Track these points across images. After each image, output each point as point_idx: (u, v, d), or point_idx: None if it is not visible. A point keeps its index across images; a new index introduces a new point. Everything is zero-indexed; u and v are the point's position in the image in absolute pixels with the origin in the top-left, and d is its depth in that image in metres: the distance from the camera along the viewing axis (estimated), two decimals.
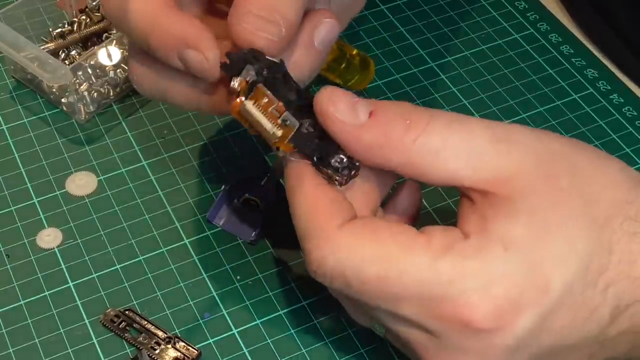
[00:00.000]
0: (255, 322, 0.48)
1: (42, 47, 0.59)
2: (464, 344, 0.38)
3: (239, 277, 0.50)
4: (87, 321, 0.48)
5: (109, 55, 0.58)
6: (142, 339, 0.47)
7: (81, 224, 0.53)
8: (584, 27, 0.66)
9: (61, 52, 0.60)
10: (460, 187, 0.40)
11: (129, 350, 0.47)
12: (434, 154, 0.39)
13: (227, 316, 0.49)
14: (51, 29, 0.61)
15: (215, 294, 0.50)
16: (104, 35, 0.61)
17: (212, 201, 0.53)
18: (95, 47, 0.58)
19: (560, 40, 0.64)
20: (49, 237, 0.52)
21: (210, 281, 0.50)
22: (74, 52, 0.60)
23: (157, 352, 0.47)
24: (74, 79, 0.57)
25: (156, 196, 0.54)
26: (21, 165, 0.56)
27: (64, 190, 0.54)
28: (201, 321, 0.48)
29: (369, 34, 0.64)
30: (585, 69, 0.62)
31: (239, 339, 0.48)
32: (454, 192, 0.54)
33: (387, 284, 0.38)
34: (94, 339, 0.48)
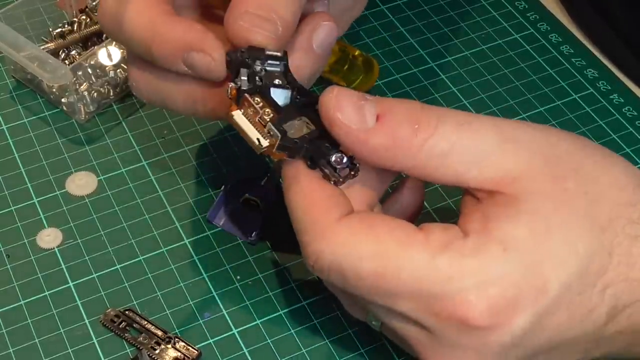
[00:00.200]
0: (255, 322, 0.48)
1: (42, 47, 0.59)
2: (461, 341, 0.38)
3: (239, 277, 0.50)
4: (87, 321, 0.48)
5: (109, 55, 0.58)
6: (142, 339, 0.47)
7: (81, 224, 0.53)
8: (584, 27, 0.66)
9: (61, 52, 0.60)
10: (466, 187, 0.40)
11: (129, 350, 0.47)
12: (441, 157, 0.39)
13: (227, 316, 0.49)
14: (51, 29, 0.61)
15: (215, 294, 0.50)
16: (104, 35, 0.61)
17: (212, 201, 0.53)
18: (95, 47, 0.58)
19: (560, 40, 0.64)
20: (49, 237, 0.52)
21: (210, 281, 0.50)
22: (74, 52, 0.60)
23: (157, 352, 0.47)
24: (74, 79, 0.57)
25: (156, 196, 0.54)
26: (21, 165, 0.56)
27: (64, 190, 0.54)
28: (201, 321, 0.48)
29: (369, 34, 0.64)
30: (585, 69, 0.62)
31: (239, 339, 0.48)
32: (454, 192, 0.54)
33: (385, 280, 0.38)
34: (94, 339, 0.48)
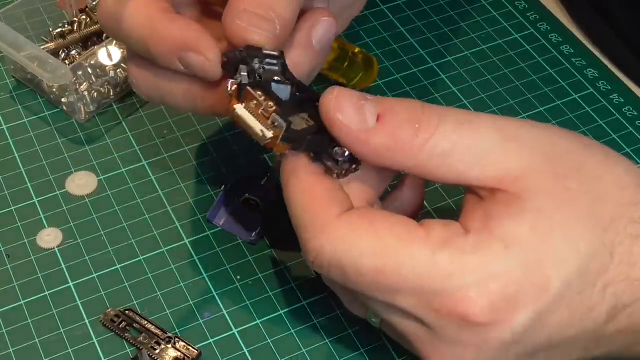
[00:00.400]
0: (255, 322, 0.48)
1: (42, 47, 0.59)
2: (461, 338, 0.38)
3: (239, 277, 0.50)
4: (87, 321, 0.48)
5: (109, 55, 0.58)
6: (142, 339, 0.47)
7: (81, 224, 0.53)
8: (584, 27, 0.66)
9: (61, 52, 0.60)
10: (468, 186, 0.40)
11: (129, 350, 0.47)
12: (443, 156, 0.39)
13: (227, 316, 0.49)
14: (51, 29, 0.61)
15: (215, 294, 0.50)
16: (104, 35, 0.61)
17: (212, 201, 0.53)
18: (95, 47, 0.58)
19: (560, 40, 0.64)
20: (49, 237, 0.52)
21: (210, 281, 0.50)
22: (74, 52, 0.60)
23: (157, 352, 0.47)
24: (74, 79, 0.57)
25: (156, 196, 0.54)
26: (21, 165, 0.56)
27: (64, 190, 0.54)
28: (201, 321, 0.48)
29: (369, 34, 0.64)
30: (585, 69, 0.62)
31: (239, 338, 0.48)
32: (455, 191, 0.54)
33: (385, 276, 0.38)
34: (94, 339, 0.48)
